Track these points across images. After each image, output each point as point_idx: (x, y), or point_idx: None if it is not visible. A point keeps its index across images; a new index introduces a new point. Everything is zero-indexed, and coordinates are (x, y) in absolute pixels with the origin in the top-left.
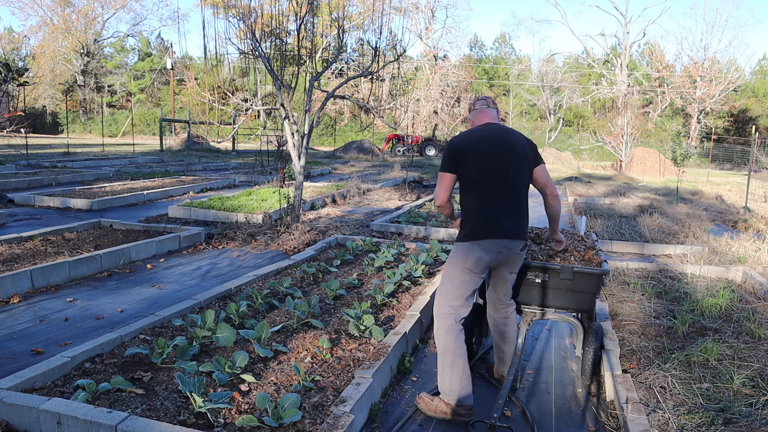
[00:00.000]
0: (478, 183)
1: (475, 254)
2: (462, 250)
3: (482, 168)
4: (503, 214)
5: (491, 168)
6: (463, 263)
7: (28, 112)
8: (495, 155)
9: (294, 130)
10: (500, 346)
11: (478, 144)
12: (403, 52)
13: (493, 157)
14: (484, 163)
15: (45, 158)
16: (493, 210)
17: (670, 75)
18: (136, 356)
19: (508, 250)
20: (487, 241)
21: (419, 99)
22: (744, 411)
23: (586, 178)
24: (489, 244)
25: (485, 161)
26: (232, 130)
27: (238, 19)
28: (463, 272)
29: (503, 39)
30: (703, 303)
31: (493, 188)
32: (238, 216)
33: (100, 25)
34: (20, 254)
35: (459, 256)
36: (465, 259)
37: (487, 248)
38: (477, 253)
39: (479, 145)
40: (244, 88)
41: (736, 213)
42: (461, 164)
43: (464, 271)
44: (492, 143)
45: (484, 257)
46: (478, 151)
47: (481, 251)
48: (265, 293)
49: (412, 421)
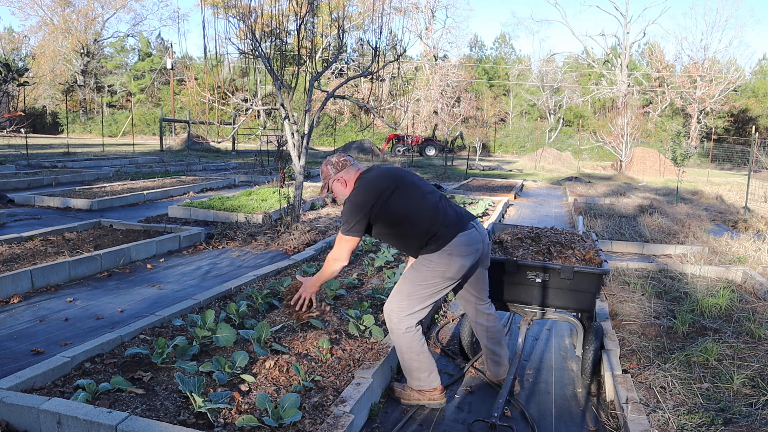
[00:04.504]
0: (415, 208)
1: (456, 262)
2: (442, 260)
3: (410, 196)
4: (452, 211)
5: (412, 193)
6: (445, 273)
7: (28, 112)
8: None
9: (294, 130)
10: (494, 350)
11: (385, 185)
12: (403, 52)
13: (406, 184)
14: (407, 191)
15: (45, 158)
16: (443, 214)
17: (670, 75)
18: (136, 356)
19: (480, 244)
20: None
21: (419, 99)
22: (744, 411)
23: (586, 178)
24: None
25: (405, 190)
26: (232, 130)
27: (238, 19)
28: (442, 281)
29: (503, 39)
30: (703, 303)
31: (425, 203)
32: (238, 216)
33: (100, 25)
34: (20, 254)
35: (438, 267)
36: (447, 268)
37: (464, 252)
38: (458, 260)
39: (387, 184)
40: (244, 88)
41: (736, 213)
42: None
43: (445, 281)
44: (393, 177)
45: (466, 262)
46: (391, 189)
47: (460, 258)
48: (265, 293)
49: (412, 421)
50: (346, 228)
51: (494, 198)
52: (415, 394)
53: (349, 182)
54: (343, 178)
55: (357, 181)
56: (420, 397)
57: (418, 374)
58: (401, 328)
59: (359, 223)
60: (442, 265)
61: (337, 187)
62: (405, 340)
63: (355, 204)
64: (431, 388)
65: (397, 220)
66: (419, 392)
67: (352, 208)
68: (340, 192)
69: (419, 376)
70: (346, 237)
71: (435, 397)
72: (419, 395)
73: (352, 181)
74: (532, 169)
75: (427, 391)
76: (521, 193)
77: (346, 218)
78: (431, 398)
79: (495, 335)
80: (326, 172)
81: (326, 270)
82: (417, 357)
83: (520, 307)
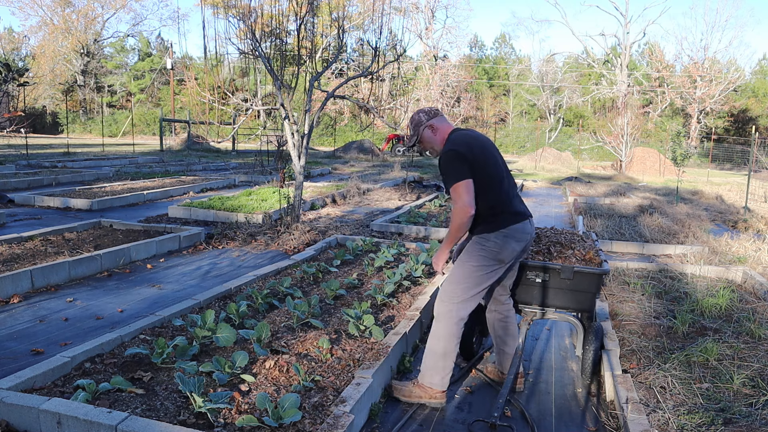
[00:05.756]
0: (491, 179)
1: (510, 244)
2: (497, 241)
3: (492, 165)
4: (518, 201)
5: (495, 164)
6: (498, 254)
7: (28, 112)
8: (490, 152)
9: (294, 130)
10: (504, 343)
11: (477, 147)
12: (403, 52)
13: (490, 155)
14: (491, 161)
15: (45, 158)
16: (510, 198)
17: (670, 75)
18: (136, 356)
19: (529, 236)
20: (517, 229)
21: (419, 99)
22: (744, 411)
23: (586, 178)
24: (519, 232)
25: (489, 159)
26: (232, 130)
27: (238, 19)
28: (495, 264)
29: (503, 39)
30: (703, 303)
31: (502, 181)
32: (238, 216)
33: (100, 25)
34: (20, 254)
35: (493, 248)
36: (500, 250)
37: (518, 237)
38: (512, 243)
39: (478, 146)
40: (244, 88)
41: (736, 213)
42: (476, 168)
43: (496, 263)
44: (483, 143)
45: (517, 247)
46: (481, 152)
47: (514, 241)
48: (265, 293)
49: (412, 421)
50: (455, 175)
51: None
52: (418, 390)
53: (440, 131)
54: (435, 125)
55: (451, 135)
56: (423, 394)
57: (437, 373)
58: (452, 317)
59: (464, 168)
60: (497, 245)
61: (427, 134)
62: (446, 332)
63: (455, 154)
64: (441, 390)
65: (483, 180)
66: (424, 389)
67: (453, 155)
68: (429, 140)
69: (435, 374)
70: (462, 182)
71: (438, 397)
72: (423, 392)
73: (445, 132)
74: (532, 169)
75: (436, 391)
76: (521, 193)
77: (453, 167)
78: (434, 397)
79: (510, 325)
80: (417, 118)
81: (456, 224)
82: (449, 353)
83: (520, 307)
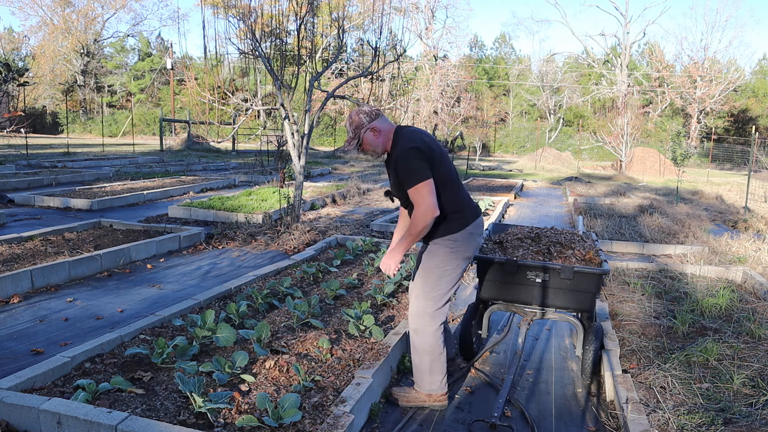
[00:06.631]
0: (449, 175)
1: (474, 241)
2: (463, 239)
3: (447, 161)
4: (469, 197)
5: (448, 161)
6: (465, 252)
7: (28, 112)
8: (441, 149)
9: (294, 130)
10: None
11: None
12: (403, 52)
13: (443, 151)
14: (445, 158)
15: (45, 158)
16: (466, 193)
17: (670, 75)
18: (136, 356)
19: (482, 229)
20: (477, 224)
21: (419, 99)
22: (744, 411)
23: (586, 178)
24: (480, 227)
25: (444, 155)
26: (232, 130)
27: (238, 19)
28: (463, 262)
29: (503, 39)
30: (703, 303)
31: (457, 177)
32: (238, 216)
33: (100, 25)
34: (20, 254)
35: (460, 247)
36: (467, 248)
37: (480, 232)
38: (477, 238)
39: (432, 142)
40: (244, 88)
41: (736, 213)
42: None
43: (464, 261)
44: (433, 139)
45: (480, 241)
46: (436, 148)
47: (478, 236)
48: (265, 293)
49: (412, 421)
50: (417, 175)
51: (494, 198)
52: (423, 396)
53: (383, 133)
54: (377, 127)
55: (398, 133)
56: (426, 399)
57: (432, 378)
58: (433, 326)
59: (425, 167)
60: (465, 244)
61: (369, 137)
62: (431, 341)
63: (414, 151)
64: (443, 392)
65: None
66: (428, 395)
67: (414, 154)
68: (372, 142)
69: (433, 381)
70: (423, 182)
71: (440, 399)
72: (426, 398)
73: (387, 133)
74: (532, 169)
75: (437, 395)
76: (521, 193)
77: (412, 166)
78: (437, 400)
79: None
80: (358, 120)
81: (420, 227)
82: (438, 358)
83: (520, 307)
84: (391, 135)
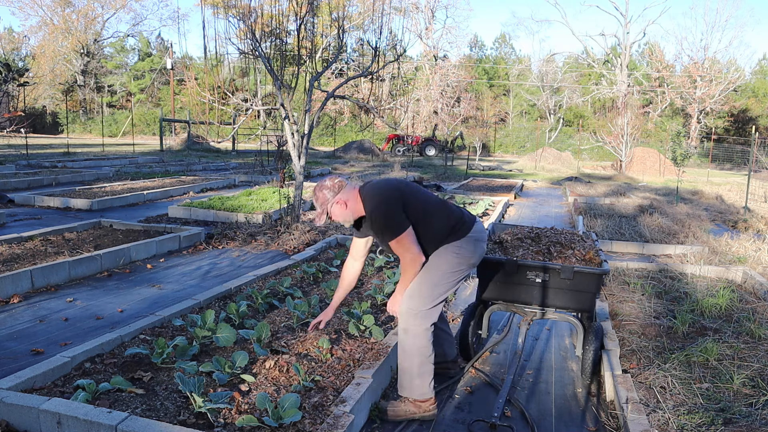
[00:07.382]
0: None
1: (479, 247)
2: (468, 244)
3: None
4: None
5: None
6: (470, 259)
7: (28, 112)
8: (410, 185)
9: (294, 130)
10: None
11: (398, 183)
12: (403, 52)
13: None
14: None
15: (45, 158)
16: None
17: (670, 75)
18: (136, 356)
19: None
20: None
21: (419, 99)
22: (744, 411)
23: (586, 178)
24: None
25: (413, 190)
26: (232, 130)
27: (238, 19)
28: (467, 269)
29: (503, 39)
30: (703, 303)
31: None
32: (238, 216)
33: (100, 25)
34: (20, 254)
35: (467, 252)
36: (472, 254)
37: (483, 237)
38: (481, 244)
39: (399, 184)
40: (244, 88)
41: (736, 213)
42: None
43: (468, 268)
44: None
45: (484, 247)
46: (404, 188)
47: (482, 242)
48: (265, 293)
49: (412, 422)
50: (397, 227)
51: (494, 198)
52: (411, 407)
53: (350, 201)
54: (342, 199)
55: (363, 192)
56: (416, 410)
57: (422, 381)
58: (424, 325)
59: (401, 217)
60: (469, 251)
61: (336, 210)
62: (420, 342)
63: (387, 203)
64: (430, 398)
65: (418, 216)
66: (415, 404)
67: (388, 208)
68: (341, 215)
69: (423, 384)
70: (405, 232)
71: (430, 409)
72: (415, 408)
73: (354, 199)
74: (532, 169)
75: (424, 402)
76: (521, 193)
77: (390, 220)
78: (427, 410)
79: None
80: (323, 197)
81: (411, 274)
82: (427, 360)
83: (520, 307)
84: (358, 198)
